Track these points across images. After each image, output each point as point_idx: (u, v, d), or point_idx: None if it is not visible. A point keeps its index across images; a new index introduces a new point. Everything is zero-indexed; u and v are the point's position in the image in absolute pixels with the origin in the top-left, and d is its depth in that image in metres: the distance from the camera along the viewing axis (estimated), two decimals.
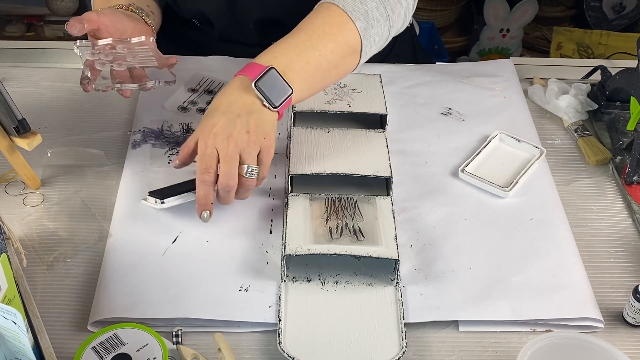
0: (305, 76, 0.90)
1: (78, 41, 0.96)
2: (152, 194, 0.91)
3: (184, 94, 1.09)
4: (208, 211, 0.85)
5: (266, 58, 0.88)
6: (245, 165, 0.85)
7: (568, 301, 0.81)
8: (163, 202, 0.88)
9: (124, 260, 0.85)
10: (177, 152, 0.98)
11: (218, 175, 0.84)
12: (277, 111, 0.87)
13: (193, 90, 1.09)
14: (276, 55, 0.89)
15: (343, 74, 0.96)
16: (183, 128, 1.02)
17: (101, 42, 0.95)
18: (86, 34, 0.95)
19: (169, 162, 0.97)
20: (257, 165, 0.86)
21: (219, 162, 0.84)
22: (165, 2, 1.13)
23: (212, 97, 1.07)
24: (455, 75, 1.15)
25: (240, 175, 0.85)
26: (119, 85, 0.95)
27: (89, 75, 0.93)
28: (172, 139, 1.00)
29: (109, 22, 0.96)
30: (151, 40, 0.96)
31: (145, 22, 1.02)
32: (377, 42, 0.96)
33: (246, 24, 1.12)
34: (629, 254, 0.90)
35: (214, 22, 1.14)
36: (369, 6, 0.93)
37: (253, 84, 0.85)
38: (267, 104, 0.86)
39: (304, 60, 0.89)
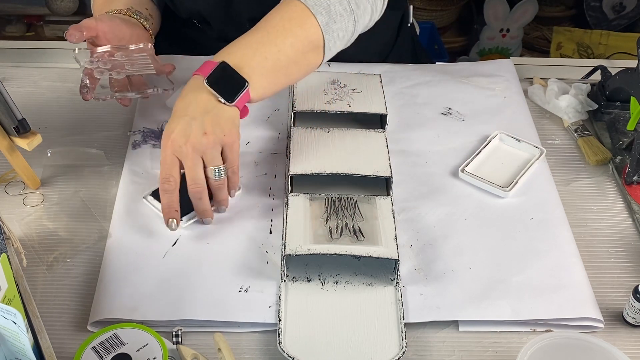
0: (264, 72, 0.88)
1: (76, 49, 0.96)
2: (155, 194, 0.91)
3: None
4: (174, 220, 0.86)
5: (221, 55, 0.88)
6: (211, 168, 0.85)
7: (568, 301, 0.81)
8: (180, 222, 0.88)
9: (124, 260, 0.85)
10: None
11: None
12: (235, 106, 0.86)
13: None
14: (231, 51, 0.88)
15: (306, 70, 0.95)
16: None
17: (100, 49, 0.95)
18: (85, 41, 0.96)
19: None
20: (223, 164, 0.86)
21: (182, 167, 0.85)
22: (164, 4, 1.13)
23: None
24: (455, 75, 1.15)
25: (209, 179, 0.85)
26: (118, 94, 0.95)
27: (87, 83, 0.93)
28: None
29: (107, 28, 0.96)
30: (149, 47, 0.96)
31: (144, 26, 1.02)
32: (342, 37, 0.94)
33: (242, 22, 1.11)
34: (629, 254, 0.90)
35: (210, 21, 1.14)
36: (331, 0, 0.91)
37: (205, 81, 0.85)
38: (222, 100, 0.85)
39: (261, 56, 0.88)
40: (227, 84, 0.85)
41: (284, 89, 0.95)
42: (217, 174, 0.85)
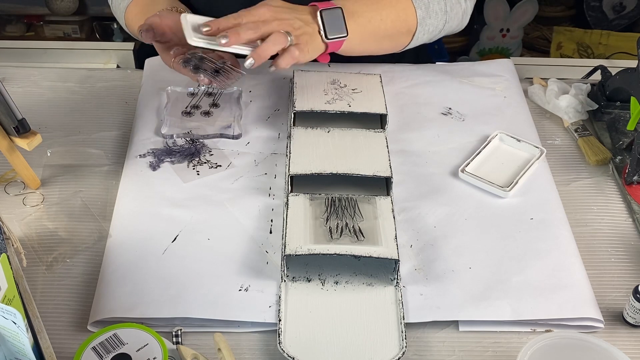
0: (362, 31, 1.00)
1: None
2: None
3: (185, 100, 1.07)
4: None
5: (337, 1, 0.99)
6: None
7: (568, 301, 0.81)
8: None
9: (123, 260, 0.85)
10: (199, 162, 0.98)
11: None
12: (326, 44, 0.96)
13: (193, 95, 1.08)
14: (346, 3, 0.99)
15: (395, 47, 1.08)
16: (187, 140, 1.01)
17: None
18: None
19: (197, 174, 0.96)
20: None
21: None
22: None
23: (213, 99, 1.06)
24: (455, 75, 1.15)
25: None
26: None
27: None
28: (185, 152, 0.99)
29: (171, 23, 0.97)
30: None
31: None
32: (431, 32, 1.08)
33: None
34: (629, 254, 0.90)
35: None
36: None
37: (319, 12, 0.95)
38: (322, 33, 0.95)
39: (367, 17, 1.00)
40: (333, 24, 0.96)
41: (367, 55, 1.06)
42: (289, 34, 0.92)
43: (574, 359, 0.72)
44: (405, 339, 0.76)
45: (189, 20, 0.93)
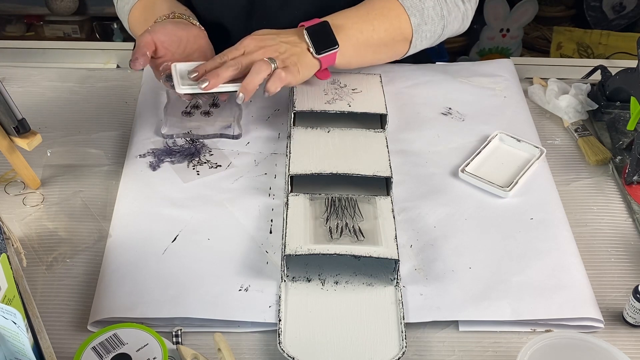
0: (356, 43, 1.00)
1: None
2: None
3: (182, 102, 1.07)
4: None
5: (326, 17, 0.99)
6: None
7: (568, 301, 0.81)
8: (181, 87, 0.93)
9: (124, 260, 0.85)
10: (199, 162, 0.98)
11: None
12: (319, 59, 0.97)
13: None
14: (335, 17, 1.00)
15: (392, 55, 1.07)
16: (187, 140, 1.01)
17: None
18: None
19: (197, 174, 0.96)
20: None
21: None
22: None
23: (213, 99, 1.06)
24: (455, 75, 1.15)
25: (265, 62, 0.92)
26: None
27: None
28: (185, 152, 0.99)
29: (163, 37, 0.97)
30: None
31: (193, 24, 1.03)
32: (429, 38, 1.07)
33: None
34: (629, 254, 0.90)
35: (230, 32, 1.13)
36: (426, 4, 1.04)
37: (305, 29, 0.96)
38: (311, 49, 0.96)
39: (358, 29, 1.00)
40: (321, 39, 0.96)
41: (367, 66, 1.07)
42: (273, 61, 0.93)
43: (574, 359, 0.72)
44: (405, 339, 0.76)
45: (179, 68, 0.96)
